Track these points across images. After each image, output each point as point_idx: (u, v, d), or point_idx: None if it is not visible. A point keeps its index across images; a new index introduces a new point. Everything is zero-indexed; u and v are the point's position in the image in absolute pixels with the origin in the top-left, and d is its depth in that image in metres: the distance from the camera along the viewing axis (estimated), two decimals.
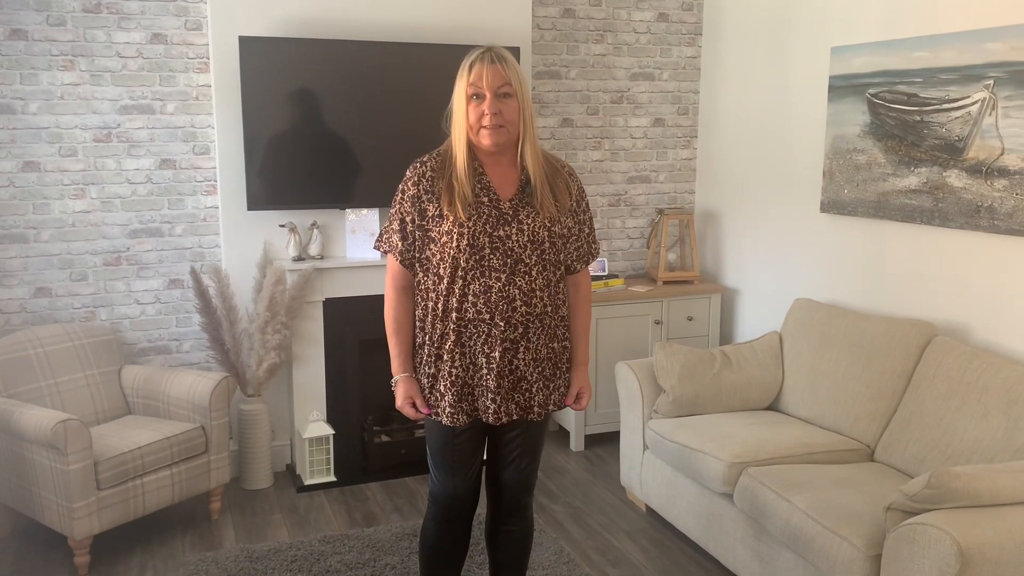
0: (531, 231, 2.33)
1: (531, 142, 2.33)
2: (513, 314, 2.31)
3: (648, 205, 4.93)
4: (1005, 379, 2.87)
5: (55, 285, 3.84)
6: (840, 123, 3.82)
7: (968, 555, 2.21)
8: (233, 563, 3.25)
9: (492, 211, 2.32)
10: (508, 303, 2.31)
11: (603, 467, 4.25)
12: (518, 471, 2.49)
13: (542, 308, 2.36)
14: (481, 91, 2.25)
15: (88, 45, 3.76)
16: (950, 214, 3.32)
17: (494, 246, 2.30)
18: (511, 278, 2.31)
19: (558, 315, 2.42)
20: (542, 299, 2.35)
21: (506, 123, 2.27)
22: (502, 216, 2.32)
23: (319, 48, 3.84)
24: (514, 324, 2.32)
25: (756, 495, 2.93)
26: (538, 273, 2.34)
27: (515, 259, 2.31)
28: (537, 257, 2.34)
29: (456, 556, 2.58)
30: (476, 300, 2.31)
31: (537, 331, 2.36)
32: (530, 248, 2.32)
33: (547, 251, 2.35)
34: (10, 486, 3.29)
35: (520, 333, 2.33)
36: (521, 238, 2.32)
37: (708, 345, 4.61)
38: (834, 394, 3.44)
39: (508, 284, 2.30)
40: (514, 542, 2.61)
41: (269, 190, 3.87)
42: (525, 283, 2.32)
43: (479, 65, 2.26)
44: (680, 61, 4.86)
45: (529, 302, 2.33)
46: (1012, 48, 3.04)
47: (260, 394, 3.97)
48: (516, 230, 2.32)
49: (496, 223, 2.31)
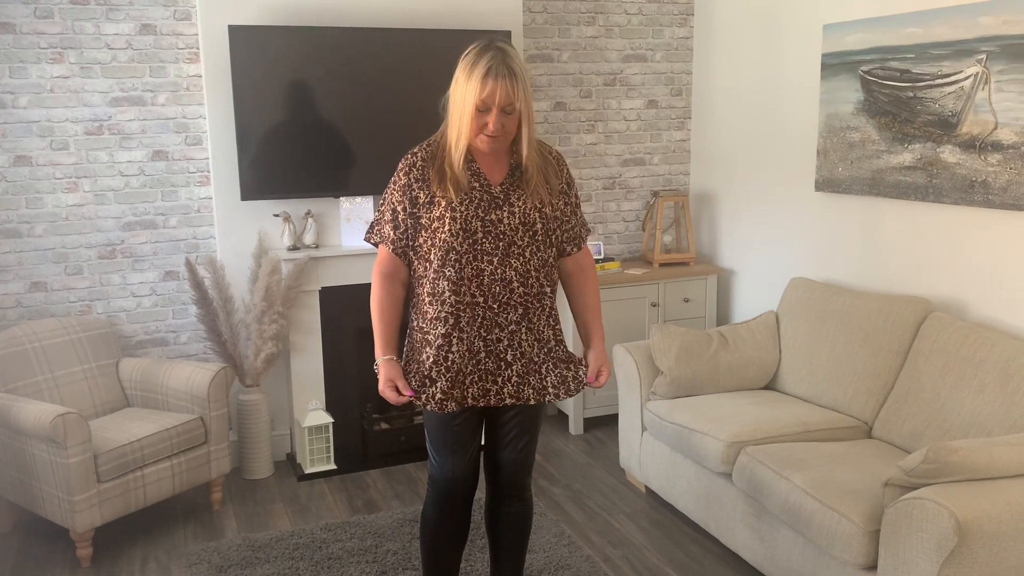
0: (522, 213, 2.34)
1: (528, 138, 2.33)
2: (511, 296, 2.33)
3: (643, 188, 4.92)
4: (1001, 353, 2.88)
5: (50, 279, 3.83)
6: (833, 101, 3.81)
7: (966, 528, 2.22)
8: (235, 552, 3.26)
9: (483, 195, 2.33)
10: (504, 285, 2.32)
11: (602, 449, 4.26)
12: (516, 451, 2.50)
13: (539, 288, 2.37)
14: (490, 106, 2.24)
15: (77, 37, 3.73)
16: (944, 190, 3.32)
17: (486, 230, 2.31)
18: (505, 260, 2.32)
19: (554, 298, 2.44)
20: (538, 279, 2.37)
21: (506, 134, 2.30)
22: (493, 200, 2.33)
23: (309, 36, 3.82)
24: (513, 305, 2.33)
25: (755, 474, 2.94)
26: (532, 254, 2.35)
27: (508, 242, 2.32)
28: (529, 239, 2.35)
29: (457, 539, 2.59)
30: (469, 284, 2.32)
31: (538, 312, 2.37)
32: (522, 231, 2.34)
33: (539, 233, 2.36)
34: (11, 480, 3.30)
35: (520, 314, 2.35)
36: (513, 220, 2.33)
37: (705, 326, 4.62)
38: (831, 372, 3.45)
39: (502, 266, 2.32)
40: (514, 523, 2.62)
41: (263, 180, 3.85)
42: (520, 264, 2.33)
43: (492, 82, 2.21)
44: (672, 42, 4.84)
45: (526, 283, 2.34)
46: (1004, 22, 3.03)
47: (258, 384, 3.97)
48: (508, 213, 2.33)
49: (488, 207, 2.32)
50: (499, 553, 2.66)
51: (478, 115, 2.26)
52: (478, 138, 2.29)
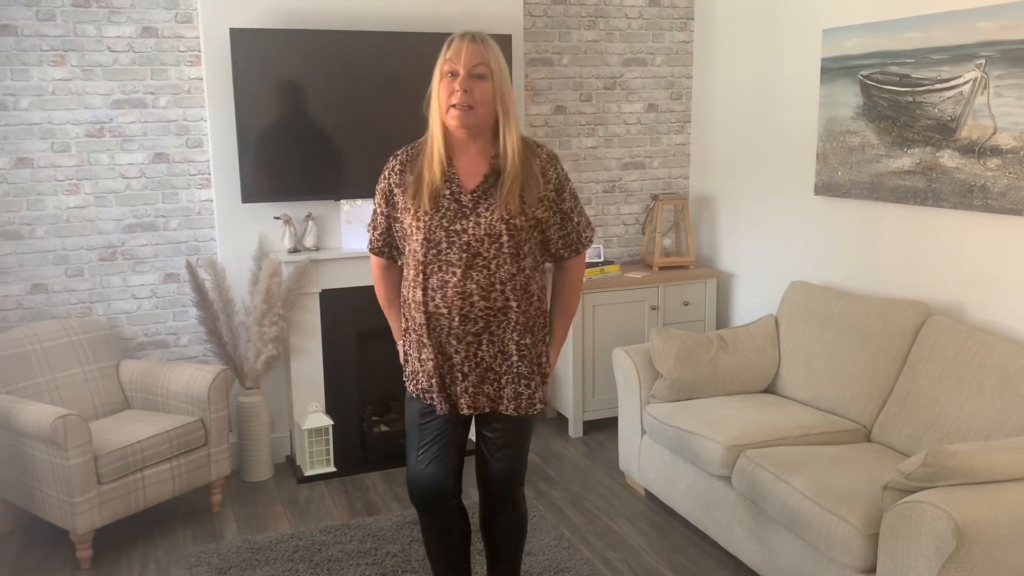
0: (488, 224, 2.25)
1: (512, 132, 2.26)
2: (471, 309, 2.29)
3: (642, 191, 4.93)
4: (1000, 357, 2.88)
5: (51, 281, 3.83)
6: (833, 105, 3.82)
7: (965, 532, 2.23)
8: (235, 554, 3.26)
9: (451, 204, 2.28)
10: (464, 298, 2.27)
11: (602, 452, 4.27)
12: (504, 461, 2.47)
13: (503, 303, 2.29)
14: (456, 68, 2.20)
15: (78, 40, 3.74)
16: (943, 194, 3.33)
17: (451, 240, 2.26)
18: (467, 272, 2.26)
19: (532, 309, 2.36)
20: (503, 293, 2.29)
21: (476, 104, 2.21)
22: (461, 210, 2.27)
23: (310, 39, 3.83)
24: (473, 319, 2.30)
25: (754, 477, 2.95)
26: (498, 266, 2.27)
27: (472, 253, 2.26)
28: (496, 250, 2.26)
29: (441, 540, 2.57)
30: (435, 294, 2.30)
31: (502, 325, 2.32)
32: (487, 242, 2.26)
33: (505, 245, 2.26)
34: (11, 482, 3.30)
35: (482, 327, 2.31)
36: (478, 231, 2.25)
37: (704, 329, 4.62)
38: (830, 376, 3.45)
39: (464, 278, 2.27)
40: (507, 534, 2.60)
41: (263, 182, 3.86)
42: (483, 277, 2.27)
43: (458, 42, 2.22)
44: (672, 46, 4.85)
45: (488, 296, 2.28)
46: (1003, 27, 3.04)
47: (259, 386, 3.98)
48: (473, 223, 2.26)
49: (454, 217, 2.27)
50: (495, 560, 2.66)
51: (447, 83, 2.20)
52: (449, 113, 2.21)
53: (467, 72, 2.19)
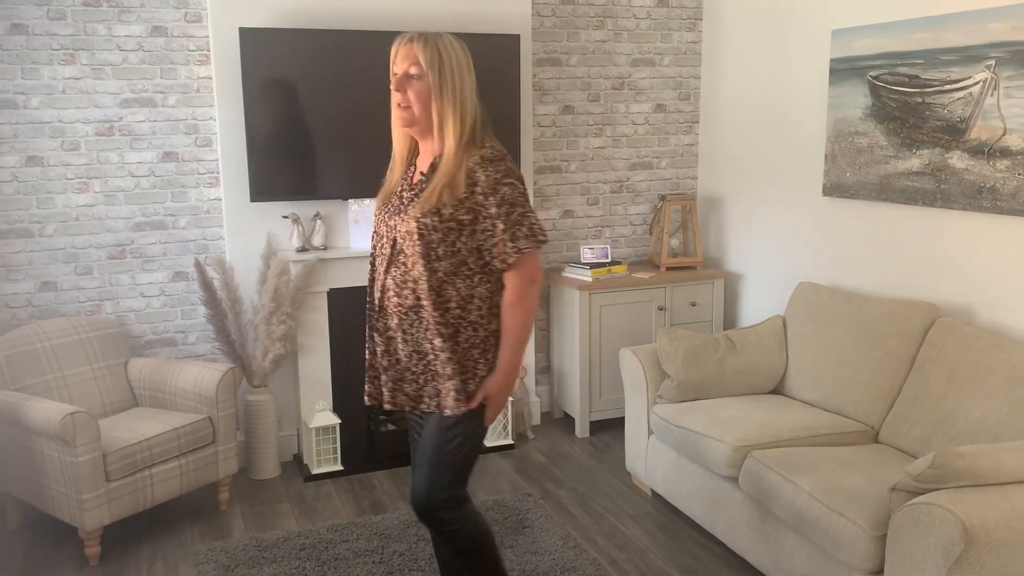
0: (406, 222, 2.23)
1: (449, 131, 2.19)
2: (388, 304, 2.31)
3: (650, 191, 4.93)
4: (1008, 359, 2.88)
5: (60, 279, 3.85)
6: (841, 106, 3.81)
7: (973, 534, 2.22)
8: (242, 552, 3.27)
9: (397, 200, 2.33)
10: (383, 292, 2.33)
11: (608, 453, 4.27)
12: (419, 483, 2.33)
13: (415, 301, 2.24)
14: (393, 70, 2.23)
15: (89, 39, 3.76)
16: (953, 195, 3.32)
17: (388, 235, 2.31)
18: (388, 268, 2.30)
19: (450, 316, 2.24)
20: (414, 292, 2.24)
21: (411, 104, 2.21)
22: (400, 205, 2.31)
23: (319, 38, 3.84)
24: (389, 314, 2.31)
25: (761, 478, 2.94)
26: (414, 264, 2.23)
27: (397, 250, 2.27)
28: (411, 249, 2.22)
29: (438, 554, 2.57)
30: (371, 287, 2.39)
31: (415, 324, 2.26)
32: (408, 240, 2.22)
33: (418, 244, 2.20)
34: (20, 479, 3.32)
35: (395, 323, 2.29)
36: (403, 228, 2.24)
37: (712, 330, 4.62)
38: (838, 377, 3.45)
39: (385, 274, 2.31)
40: (445, 555, 2.52)
41: (272, 181, 3.87)
42: (400, 274, 2.26)
43: (395, 45, 2.23)
44: (681, 46, 4.85)
45: (400, 293, 2.26)
46: (1013, 28, 3.03)
47: (266, 385, 3.99)
48: (401, 220, 2.26)
49: (392, 213, 2.32)
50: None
51: (393, 92, 2.24)
52: (394, 114, 2.26)
53: (401, 73, 2.22)
